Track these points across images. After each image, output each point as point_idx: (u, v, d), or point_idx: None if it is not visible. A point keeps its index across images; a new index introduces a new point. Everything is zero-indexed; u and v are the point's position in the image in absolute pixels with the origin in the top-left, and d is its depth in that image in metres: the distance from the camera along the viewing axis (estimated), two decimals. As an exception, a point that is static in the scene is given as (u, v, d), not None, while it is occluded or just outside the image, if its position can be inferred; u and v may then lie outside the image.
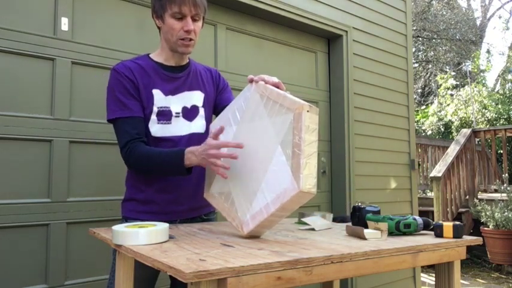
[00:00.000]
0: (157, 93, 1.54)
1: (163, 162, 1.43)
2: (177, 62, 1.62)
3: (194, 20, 1.52)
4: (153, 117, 1.53)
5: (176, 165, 1.40)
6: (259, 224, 1.23)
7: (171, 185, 1.56)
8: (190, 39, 1.53)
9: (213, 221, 1.73)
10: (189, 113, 1.59)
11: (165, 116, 1.54)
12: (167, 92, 1.56)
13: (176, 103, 1.57)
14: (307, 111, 1.16)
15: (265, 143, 1.26)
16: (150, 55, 1.62)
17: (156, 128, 1.53)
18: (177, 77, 1.60)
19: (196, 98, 1.63)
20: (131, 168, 1.53)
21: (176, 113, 1.56)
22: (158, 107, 1.53)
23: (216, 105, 1.71)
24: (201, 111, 1.63)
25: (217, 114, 1.69)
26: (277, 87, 1.34)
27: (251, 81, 1.40)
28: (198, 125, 1.61)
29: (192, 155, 1.38)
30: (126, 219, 1.58)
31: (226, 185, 1.39)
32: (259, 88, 1.36)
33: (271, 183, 1.21)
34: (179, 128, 1.56)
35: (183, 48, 1.54)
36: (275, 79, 1.36)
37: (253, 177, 1.27)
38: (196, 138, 1.59)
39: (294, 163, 1.15)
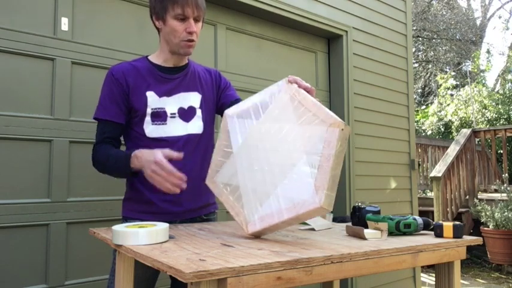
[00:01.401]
0: (150, 95, 1.55)
1: (113, 164, 1.50)
2: (176, 64, 1.62)
3: (196, 21, 1.53)
4: (148, 118, 1.54)
5: (123, 167, 1.46)
6: (267, 227, 1.22)
7: None
8: (192, 40, 1.54)
9: (213, 221, 1.73)
10: (186, 114, 1.59)
11: (159, 117, 1.55)
12: (161, 94, 1.56)
13: (172, 104, 1.57)
14: (342, 129, 1.14)
15: (288, 148, 1.24)
16: (149, 57, 1.63)
17: (151, 129, 1.54)
18: (172, 78, 1.60)
19: (193, 99, 1.63)
20: (95, 166, 1.58)
21: (172, 114, 1.57)
22: (152, 109, 1.54)
23: (221, 105, 1.71)
24: (198, 112, 1.63)
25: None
26: (308, 93, 1.30)
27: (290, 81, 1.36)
28: (195, 125, 1.60)
29: (135, 159, 1.42)
30: (126, 219, 1.58)
31: (235, 178, 1.37)
32: (290, 90, 1.31)
33: (289, 190, 1.19)
34: (175, 128, 1.56)
35: (185, 49, 1.55)
36: (308, 84, 1.33)
37: (269, 179, 1.26)
38: (194, 139, 1.59)
39: (318, 177, 1.14)
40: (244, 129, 1.40)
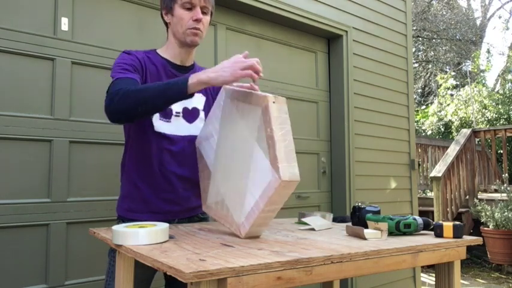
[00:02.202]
0: None
1: (164, 84, 1.34)
2: (183, 61, 1.62)
3: (203, 12, 1.54)
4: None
5: (179, 83, 1.30)
6: (253, 223, 1.23)
7: (166, 184, 1.55)
8: (199, 29, 1.54)
9: (210, 221, 1.73)
10: (190, 115, 1.59)
11: (165, 113, 1.54)
12: None
13: (177, 103, 1.57)
14: (273, 102, 1.18)
15: (243, 144, 1.28)
16: (157, 50, 1.63)
17: (158, 124, 1.54)
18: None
19: (197, 100, 1.63)
20: (115, 105, 1.33)
21: (176, 113, 1.56)
22: None
23: None
24: (202, 114, 1.63)
25: None
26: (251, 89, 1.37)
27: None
28: (198, 127, 1.60)
29: (203, 73, 1.30)
30: (122, 219, 1.57)
31: (219, 194, 1.41)
32: (228, 93, 1.40)
33: (257, 180, 1.21)
34: (178, 127, 1.56)
35: (191, 37, 1.54)
36: (248, 84, 1.40)
37: (240, 179, 1.28)
38: (195, 141, 1.60)
39: (270, 155, 1.15)
40: (211, 148, 1.47)
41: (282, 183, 1.12)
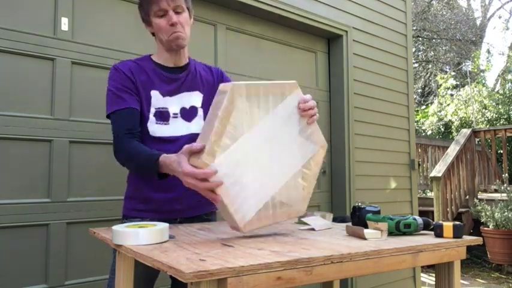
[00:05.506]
0: (155, 95, 1.56)
1: (140, 164, 1.43)
2: (176, 63, 1.62)
3: (177, 12, 1.53)
4: (151, 117, 1.54)
5: (151, 170, 1.36)
6: (261, 226, 1.27)
7: (169, 183, 1.55)
8: (178, 32, 1.54)
9: (213, 221, 1.73)
10: (188, 114, 1.59)
11: (163, 117, 1.55)
12: (165, 93, 1.57)
13: (174, 104, 1.58)
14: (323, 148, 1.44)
15: (289, 157, 1.33)
16: (152, 56, 1.64)
17: (154, 128, 1.55)
18: (176, 78, 1.61)
19: (194, 98, 1.63)
20: (121, 163, 1.52)
21: (174, 114, 1.57)
22: (156, 108, 1.55)
23: None
24: (200, 111, 1.63)
25: None
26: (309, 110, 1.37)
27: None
28: (197, 125, 1.61)
29: (165, 166, 1.32)
30: (126, 218, 1.59)
31: (238, 169, 1.23)
32: (296, 99, 1.36)
33: (284, 195, 1.33)
34: (177, 128, 1.56)
35: (175, 42, 1.55)
36: (311, 104, 1.38)
37: (271, 179, 1.29)
38: (195, 138, 1.59)
39: (305, 189, 1.39)
40: (247, 115, 1.24)
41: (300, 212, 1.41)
